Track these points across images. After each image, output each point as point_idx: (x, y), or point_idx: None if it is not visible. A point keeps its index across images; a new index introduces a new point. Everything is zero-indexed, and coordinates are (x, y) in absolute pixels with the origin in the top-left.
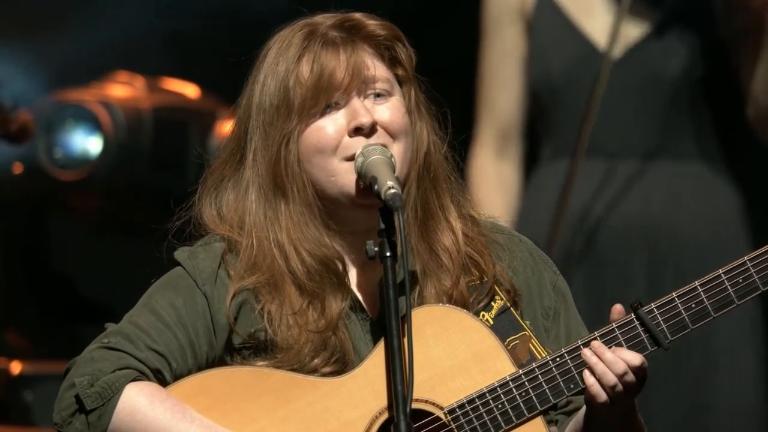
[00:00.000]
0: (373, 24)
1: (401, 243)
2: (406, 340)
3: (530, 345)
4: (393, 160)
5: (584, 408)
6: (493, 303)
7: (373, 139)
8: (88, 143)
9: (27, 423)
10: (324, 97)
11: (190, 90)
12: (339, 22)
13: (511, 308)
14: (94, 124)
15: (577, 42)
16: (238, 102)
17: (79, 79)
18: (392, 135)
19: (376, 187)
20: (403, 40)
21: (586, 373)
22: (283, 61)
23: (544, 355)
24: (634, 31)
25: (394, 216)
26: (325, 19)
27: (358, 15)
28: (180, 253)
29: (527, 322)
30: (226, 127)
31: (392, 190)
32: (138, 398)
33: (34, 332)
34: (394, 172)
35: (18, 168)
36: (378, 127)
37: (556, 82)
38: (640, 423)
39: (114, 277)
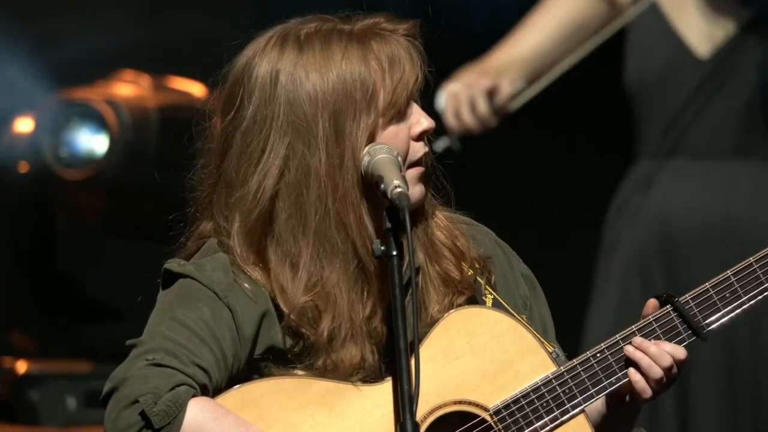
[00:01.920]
0: (403, 28)
1: (408, 241)
2: (415, 339)
3: None
4: (399, 159)
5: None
6: (484, 298)
7: (427, 148)
8: (94, 142)
9: (32, 422)
10: (402, 99)
11: (196, 89)
12: (374, 26)
13: (504, 303)
14: (99, 123)
15: (671, 42)
16: (244, 113)
17: (85, 78)
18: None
19: (382, 186)
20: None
21: (632, 370)
22: (348, 61)
23: (550, 350)
24: (723, 30)
25: (400, 215)
26: (343, 22)
27: (382, 18)
28: (183, 267)
29: (524, 316)
30: None
31: (398, 189)
32: (202, 414)
33: (39, 332)
34: (400, 171)
35: (23, 167)
36: None
37: (649, 82)
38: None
39: (120, 276)
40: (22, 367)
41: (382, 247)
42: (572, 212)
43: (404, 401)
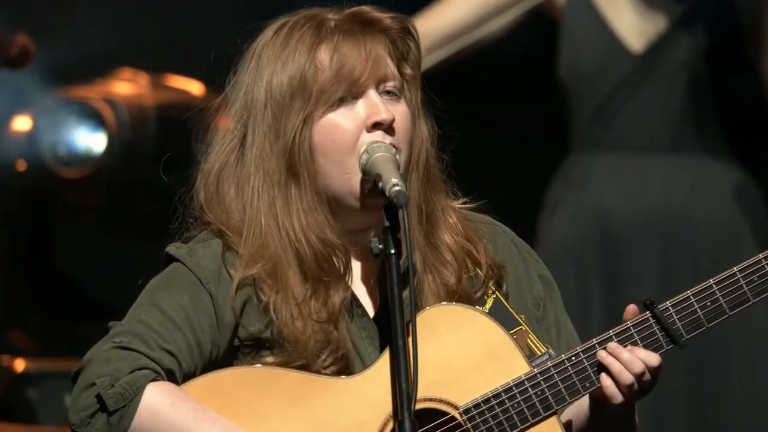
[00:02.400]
0: (387, 18)
1: (405, 240)
2: (410, 337)
3: (528, 340)
4: (397, 157)
5: (586, 399)
6: (486, 297)
7: (389, 138)
8: (92, 141)
9: (30, 421)
10: (343, 87)
11: (194, 87)
12: (353, 14)
13: (505, 302)
14: (97, 121)
15: (604, 37)
16: (228, 94)
17: (83, 76)
18: (399, 138)
19: (380, 184)
20: (413, 35)
21: (603, 374)
22: (297, 50)
23: (543, 351)
24: (655, 25)
25: (398, 213)
26: (333, 11)
27: (369, 8)
28: (177, 250)
29: (522, 317)
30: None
31: (397, 188)
32: (160, 398)
33: (37, 330)
34: (398, 169)
35: (21, 165)
36: (394, 126)
37: (584, 75)
38: (636, 423)
39: (118, 274)
40: (20, 365)
41: (380, 245)
42: (510, 204)
43: (401, 400)
